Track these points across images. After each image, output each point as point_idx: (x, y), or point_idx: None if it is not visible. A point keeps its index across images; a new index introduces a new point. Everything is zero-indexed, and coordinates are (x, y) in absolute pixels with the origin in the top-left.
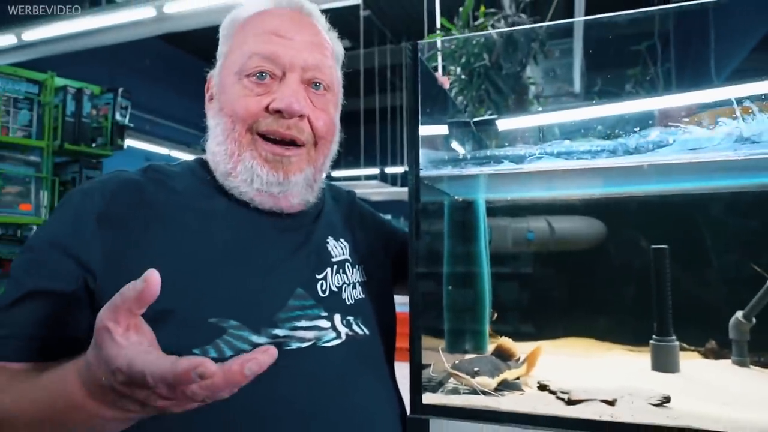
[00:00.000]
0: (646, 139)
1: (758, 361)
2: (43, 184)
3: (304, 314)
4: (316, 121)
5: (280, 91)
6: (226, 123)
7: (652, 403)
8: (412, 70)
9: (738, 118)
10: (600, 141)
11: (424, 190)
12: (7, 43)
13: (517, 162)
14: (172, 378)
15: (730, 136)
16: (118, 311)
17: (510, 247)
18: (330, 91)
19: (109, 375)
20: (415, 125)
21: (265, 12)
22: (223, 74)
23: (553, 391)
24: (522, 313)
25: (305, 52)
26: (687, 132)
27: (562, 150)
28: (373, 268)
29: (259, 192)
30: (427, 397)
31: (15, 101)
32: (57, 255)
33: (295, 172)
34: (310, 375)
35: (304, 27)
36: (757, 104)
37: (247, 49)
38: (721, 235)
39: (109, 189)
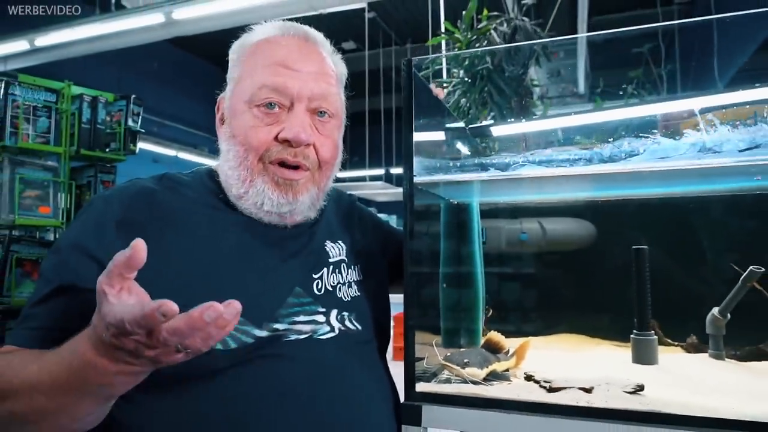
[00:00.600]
0: (620, 149)
1: (734, 355)
2: (60, 188)
3: (302, 310)
4: (321, 147)
5: (288, 121)
6: (239, 151)
7: (627, 391)
8: (407, 84)
9: (701, 130)
10: (578, 150)
11: (419, 194)
12: (20, 48)
13: (503, 169)
14: (141, 319)
15: (694, 145)
16: (112, 276)
17: (503, 248)
18: (334, 117)
19: (105, 330)
20: (409, 135)
21: (273, 40)
22: (234, 101)
23: (537, 380)
24: (515, 311)
25: (311, 83)
26: (656, 142)
27: (543, 158)
28: (370, 268)
29: (268, 213)
30: (420, 386)
31: (34, 109)
32: (80, 256)
33: (303, 193)
34: (306, 363)
35: (311, 56)
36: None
37: (258, 79)
38: (699, 236)
39: (127, 196)
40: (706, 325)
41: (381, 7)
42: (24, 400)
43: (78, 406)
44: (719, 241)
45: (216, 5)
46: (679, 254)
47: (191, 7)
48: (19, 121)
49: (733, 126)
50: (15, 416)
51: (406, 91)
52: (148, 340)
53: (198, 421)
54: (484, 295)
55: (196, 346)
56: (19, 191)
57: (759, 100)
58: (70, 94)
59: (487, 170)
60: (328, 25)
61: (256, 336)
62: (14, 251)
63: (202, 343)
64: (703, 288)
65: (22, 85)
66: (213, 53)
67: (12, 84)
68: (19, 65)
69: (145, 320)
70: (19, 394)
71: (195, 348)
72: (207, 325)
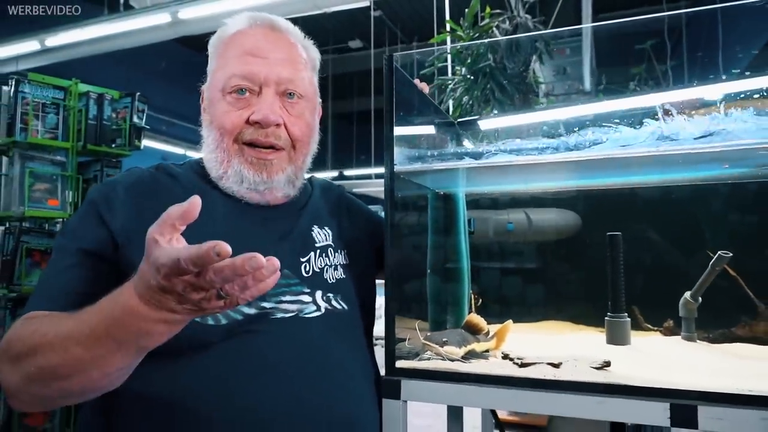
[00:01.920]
0: (584, 138)
1: (707, 337)
2: (68, 182)
3: (289, 290)
4: (291, 127)
5: (258, 104)
6: (216, 135)
7: (594, 367)
8: (388, 79)
9: (660, 119)
10: (546, 139)
11: (405, 184)
12: (31, 48)
13: (476, 158)
14: (197, 257)
15: (653, 134)
16: (164, 225)
17: (491, 237)
18: (304, 98)
19: (155, 273)
20: (390, 128)
21: (243, 31)
22: (211, 91)
23: (512, 358)
24: (501, 298)
25: (278, 68)
26: (618, 131)
27: (514, 147)
28: (356, 253)
29: (248, 190)
30: (399, 363)
31: (43, 106)
32: (93, 227)
33: (278, 172)
34: (293, 340)
35: (277, 43)
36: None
37: (229, 69)
38: (674, 223)
39: (129, 182)
40: (679, 308)
41: (387, 6)
42: (58, 353)
43: (111, 358)
44: (697, 228)
45: (222, 5)
46: (659, 241)
47: (198, 7)
48: (28, 117)
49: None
50: (44, 372)
51: (387, 84)
52: (197, 281)
53: (190, 390)
54: (470, 283)
55: (235, 295)
56: (29, 184)
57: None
58: (78, 92)
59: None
60: (335, 24)
61: (244, 313)
62: (24, 241)
63: (240, 292)
64: (681, 273)
65: (32, 83)
66: None
67: (22, 82)
68: (30, 65)
69: (200, 258)
70: (54, 346)
71: (234, 297)
72: (248, 273)
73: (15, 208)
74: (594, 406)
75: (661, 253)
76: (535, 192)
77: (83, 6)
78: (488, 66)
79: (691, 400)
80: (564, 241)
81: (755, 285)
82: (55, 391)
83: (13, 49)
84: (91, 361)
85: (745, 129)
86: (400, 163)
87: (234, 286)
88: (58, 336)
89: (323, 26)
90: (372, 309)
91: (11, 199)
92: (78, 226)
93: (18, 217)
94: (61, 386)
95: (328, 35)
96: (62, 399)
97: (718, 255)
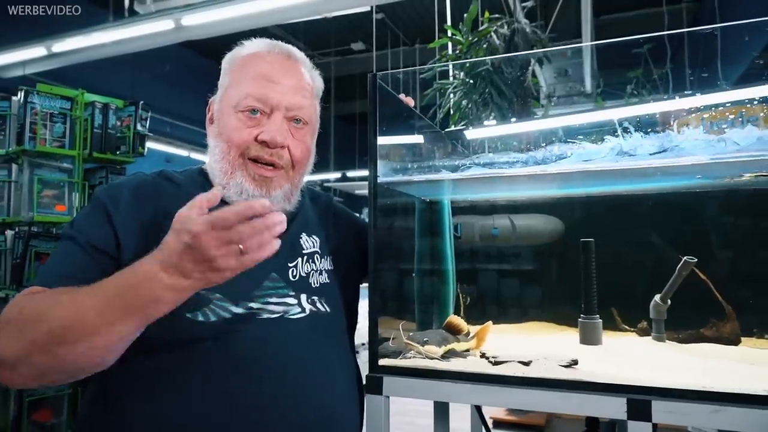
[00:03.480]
0: (551, 152)
1: (677, 337)
2: (75, 188)
3: (276, 293)
4: (294, 149)
5: (267, 125)
6: (223, 147)
7: (562, 365)
8: (372, 96)
9: (619, 135)
10: (516, 153)
11: (390, 193)
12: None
13: (453, 170)
14: (248, 206)
15: (613, 149)
16: (193, 207)
17: (477, 242)
18: (308, 125)
19: (184, 233)
20: (374, 140)
21: (261, 55)
22: (222, 105)
23: (487, 357)
24: (485, 300)
25: (290, 95)
26: (581, 146)
27: (487, 161)
28: (341, 258)
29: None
30: (382, 361)
31: (51, 116)
32: (98, 225)
33: (276, 189)
34: (278, 339)
35: (291, 71)
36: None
37: (244, 89)
38: (649, 229)
39: (134, 184)
40: (650, 310)
41: (389, 9)
42: (69, 313)
43: (119, 325)
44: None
45: (225, 11)
46: (634, 246)
47: (202, 14)
48: (37, 126)
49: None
50: (52, 335)
51: (371, 101)
52: (227, 233)
53: (179, 382)
54: (455, 285)
55: (253, 248)
56: (38, 191)
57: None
58: (84, 102)
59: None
60: (337, 27)
61: (233, 312)
62: (33, 245)
63: (257, 248)
64: (656, 276)
65: (40, 93)
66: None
67: (31, 93)
68: (36, 69)
69: (251, 207)
70: (66, 308)
71: (252, 252)
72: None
73: (24, 213)
74: (559, 400)
75: (638, 257)
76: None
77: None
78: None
79: (647, 395)
80: (547, 245)
81: (723, 288)
82: (57, 361)
83: (20, 54)
84: (99, 326)
85: (696, 146)
86: (386, 174)
87: (253, 241)
88: (71, 300)
89: (326, 29)
90: (354, 312)
91: (20, 204)
92: (86, 223)
93: (27, 222)
94: (65, 354)
95: (331, 38)
96: (60, 372)
97: (684, 260)
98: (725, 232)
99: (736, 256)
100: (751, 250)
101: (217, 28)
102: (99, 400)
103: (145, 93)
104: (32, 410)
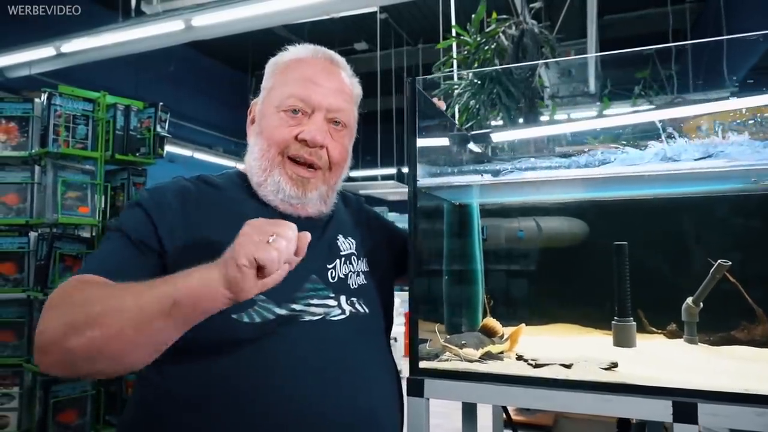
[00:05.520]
0: (594, 157)
1: (708, 340)
2: (97, 190)
3: (316, 294)
4: (332, 150)
5: (308, 125)
6: (263, 145)
7: (602, 368)
8: (411, 100)
9: (664, 141)
10: (559, 158)
11: (424, 196)
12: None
13: (495, 175)
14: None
15: (657, 155)
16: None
17: (503, 244)
18: (346, 128)
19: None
20: (413, 145)
21: (305, 60)
22: (265, 105)
23: (526, 359)
24: (512, 302)
25: (331, 97)
26: (625, 152)
27: (530, 165)
28: (376, 260)
29: (282, 201)
30: (422, 363)
31: (74, 118)
32: (144, 226)
33: (312, 190)
34: (320, 340)
35: (333, 76)
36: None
37: (287, 90)
38: (677, 233)
39: (177, 188)
40: (682, 312)
41: (393, 9)
42: (109, 302)
43: (158, 321)
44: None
45: (234, 12)
46: (662, 250)
47: (210, 14)
48: (60, 129)
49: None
50: (88, 319)
51: (410, 106)
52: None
53: (224, 383)
54: (484, 287)
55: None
56: (62, 192)
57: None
58: (105, 103)
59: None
60: (341, 27)
61: (276, 313)
62: (57, 247)
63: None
64: (683, 279)
65: (63, 96)
66: (227, 55)
67: (54, 95)
68: (41, 69)
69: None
70: (109, 294)
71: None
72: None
73: (49, 215)
74: (602, 403)
75: (665, 260)
76: (546, 203)
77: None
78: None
79: (692, 397)
80: (572, 247)
81: (754, 291)
82: (87, 347)
83: (28, 54)
84: (137, 319)
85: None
86: (421, 176)
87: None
88: (118, 289)
89: (330, 30)
90: (390, 312)
91: (44, 206)
92: (133, 222)
93: (51, 223)
94: (95, 340)
95: (334, 37)
96: (88, 362)
97: (718, 263)
98: (753, 235)
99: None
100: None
101: (224, 29)
102: (146, 403)
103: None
104: (57, 411)
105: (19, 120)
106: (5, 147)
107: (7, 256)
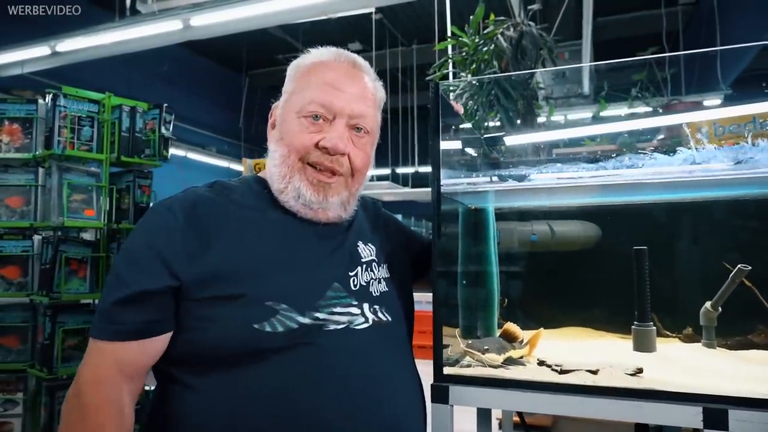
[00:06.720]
0: (621, 162)
1: (726, 344)
2: (102, 192)
3: (339, 302)
4: (354, 158)
5: (329, 132)
6: (284, 151)
7: (628, 373)
8: (434, 105)
9: (692, 148)
10: (585, 164)
11: (445, 201)
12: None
13: (519, 180)
14: None
15: (686, 161)
16: None
17: (516, 248)
18: (369, 134)
19: None
20: (437, 149)
21: (327, 63)
22: (285, 110)
23: (549, 365)
24: (527, 306)
25: (353, 103)
26: (653, 158)
27: (554, 170)
28: (396, 266)
29: (303, 206)
30: (446, 370)
31: (79, 119)
32: (153, 261)
33: (333, 195)
34: (344, 349)
35: (355, 80)
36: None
37: (309, 95)
38: (695, 237)
39: (188, 204)
40: (700, 317)
41: (388, 9)
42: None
43: None
44: (714, 243)
45: (230, 13)
46: (679, 254)
47: (206, 15)
48: (65, 130)
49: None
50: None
51: (433, 110)
52: None
53: (251, 397)
54: (499, 291)
55: None
56: (67, 195)
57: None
58: (111, 105)
59: (504, 179)
60: (336, 27)
61: (300, 322)
62: (62, 251)
63: None
64: (699, 283)
65: (68, 97)
66: (220, 54)
67: (58, 96)
68: (34, 68)
69: None
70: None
71: None
72: None
73: (54, 218)
74: (631, 409)
75: (680, 264)
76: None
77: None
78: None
79: (722, 404)
80: (585, 251)
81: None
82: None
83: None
84: None
85: None
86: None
87: None
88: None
89: (325, 30)
90: (411, 319)
91: (48, 209)
92: (135, 269)
93: (56, 226)
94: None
95: (329, 38)
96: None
97: (738, 268)
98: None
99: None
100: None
101: (220, 29)
102: (166, 415)
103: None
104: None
105: (23, 121)
106: (9, 149)
107: (11, 259)
